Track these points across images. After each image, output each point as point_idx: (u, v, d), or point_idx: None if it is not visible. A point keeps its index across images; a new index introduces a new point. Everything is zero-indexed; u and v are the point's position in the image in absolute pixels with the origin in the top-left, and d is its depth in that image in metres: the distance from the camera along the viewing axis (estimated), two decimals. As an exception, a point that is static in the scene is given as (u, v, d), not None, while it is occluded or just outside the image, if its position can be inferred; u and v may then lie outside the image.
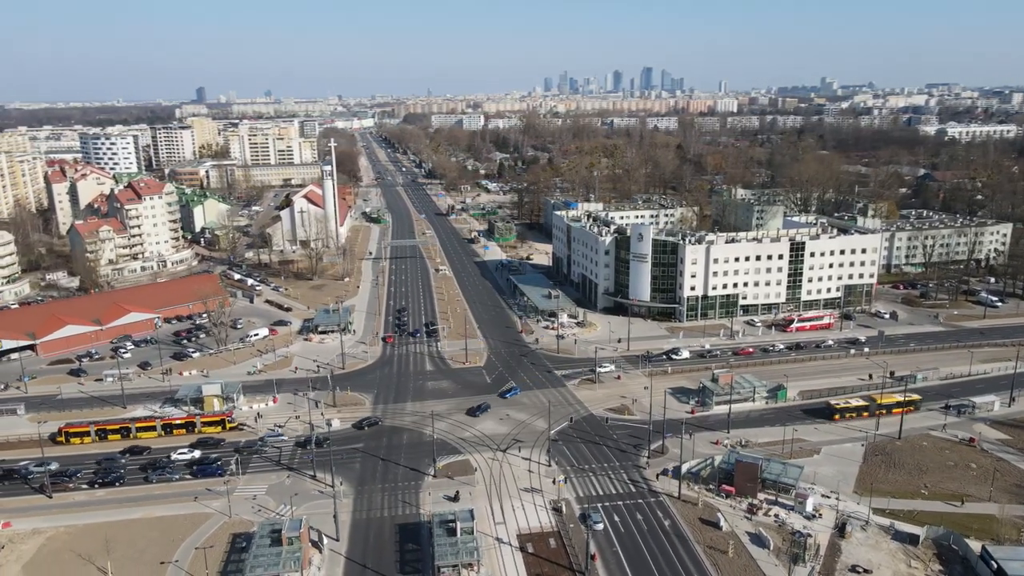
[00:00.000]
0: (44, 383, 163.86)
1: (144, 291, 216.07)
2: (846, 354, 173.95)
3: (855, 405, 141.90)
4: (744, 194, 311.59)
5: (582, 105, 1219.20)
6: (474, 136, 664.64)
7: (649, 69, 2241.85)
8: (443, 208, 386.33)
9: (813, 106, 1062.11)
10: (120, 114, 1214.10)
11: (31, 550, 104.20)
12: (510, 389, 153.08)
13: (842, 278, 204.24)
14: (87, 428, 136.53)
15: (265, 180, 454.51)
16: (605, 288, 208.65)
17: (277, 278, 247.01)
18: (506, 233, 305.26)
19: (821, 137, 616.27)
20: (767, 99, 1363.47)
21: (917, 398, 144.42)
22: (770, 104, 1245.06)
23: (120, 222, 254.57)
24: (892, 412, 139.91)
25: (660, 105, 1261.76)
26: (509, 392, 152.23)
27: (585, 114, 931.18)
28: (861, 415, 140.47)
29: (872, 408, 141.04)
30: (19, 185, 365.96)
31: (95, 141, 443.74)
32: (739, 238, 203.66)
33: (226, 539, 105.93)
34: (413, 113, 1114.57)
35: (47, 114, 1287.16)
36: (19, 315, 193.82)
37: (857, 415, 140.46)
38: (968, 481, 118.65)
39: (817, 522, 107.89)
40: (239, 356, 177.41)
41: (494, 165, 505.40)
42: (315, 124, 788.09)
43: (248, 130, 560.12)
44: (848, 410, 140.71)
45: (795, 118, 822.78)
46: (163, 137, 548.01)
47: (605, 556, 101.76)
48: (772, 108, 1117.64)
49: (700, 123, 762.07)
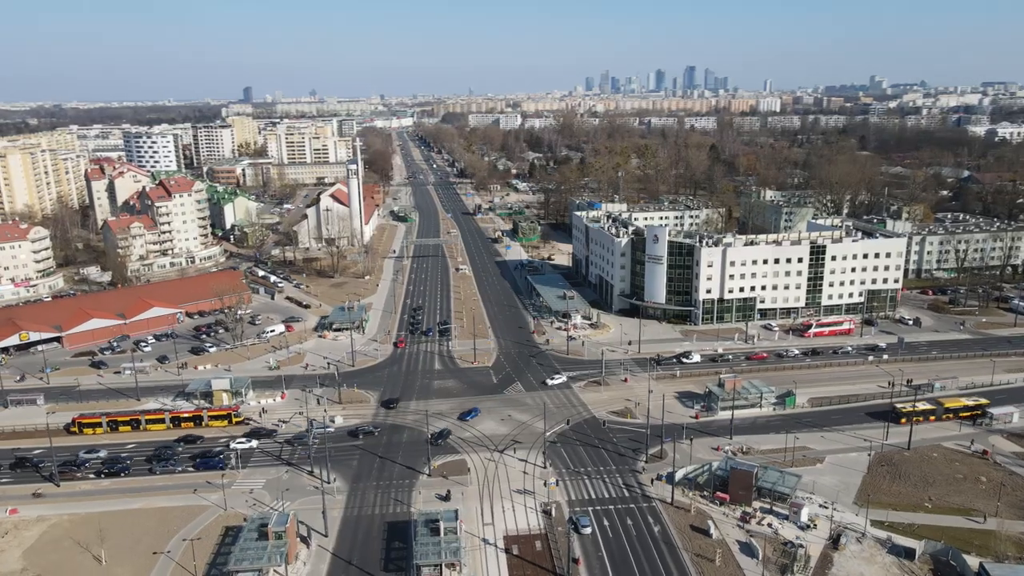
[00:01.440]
0: (66, 374, 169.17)
1: (168, 286, 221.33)
2: (863, 361, 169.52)
3: (921, 409, 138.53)
4: (773, 195, 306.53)
5: (621, 105, 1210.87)
6: (508, 135, 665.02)
7: (692, 68, 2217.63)
8: (471, 207, 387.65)
9: (858, 105, 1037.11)
10: (169, 113, 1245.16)
11: (33, 536, 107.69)
12: (470, 411, 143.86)
13: (865, 283, 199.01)
14: (99, 419, 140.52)
15: (299, 178, 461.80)
16: (621, 290, 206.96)
17: (299, 275, 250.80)
18: (529, 233, 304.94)
19: (863, 137, 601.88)
20: (812, 99, 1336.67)
21: (985, 402, 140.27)
22: (815, 104, 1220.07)
23: (151, 219, 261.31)
24: (960, 416, 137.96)
25: (701, 105, 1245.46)
26: (468, 415, 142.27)
27: (623, 114, 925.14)
28: (928, 419, 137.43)
29: (939, 412, 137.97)
30: (63, 182, 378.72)
31: (137, 140, 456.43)
32: (758, 241, 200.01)
33: (219, 532, 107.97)
34: (452, 112, 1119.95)
35: (101, 113, 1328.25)
36: (47, 308, 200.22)
37: (924, 419, 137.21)
38: (976, 495, 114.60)
39: (811, 533, 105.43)
40: (253, 352, 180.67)
41: (526, 165, 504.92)
42: (353, 123, 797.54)
43: (286, 129, 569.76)
44: (915, 414, 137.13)
45: (838, 118, 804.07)
46: (203, 136, 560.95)
47: (590, 561, 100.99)
48: (817, 108, 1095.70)
49: (739, 123, 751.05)
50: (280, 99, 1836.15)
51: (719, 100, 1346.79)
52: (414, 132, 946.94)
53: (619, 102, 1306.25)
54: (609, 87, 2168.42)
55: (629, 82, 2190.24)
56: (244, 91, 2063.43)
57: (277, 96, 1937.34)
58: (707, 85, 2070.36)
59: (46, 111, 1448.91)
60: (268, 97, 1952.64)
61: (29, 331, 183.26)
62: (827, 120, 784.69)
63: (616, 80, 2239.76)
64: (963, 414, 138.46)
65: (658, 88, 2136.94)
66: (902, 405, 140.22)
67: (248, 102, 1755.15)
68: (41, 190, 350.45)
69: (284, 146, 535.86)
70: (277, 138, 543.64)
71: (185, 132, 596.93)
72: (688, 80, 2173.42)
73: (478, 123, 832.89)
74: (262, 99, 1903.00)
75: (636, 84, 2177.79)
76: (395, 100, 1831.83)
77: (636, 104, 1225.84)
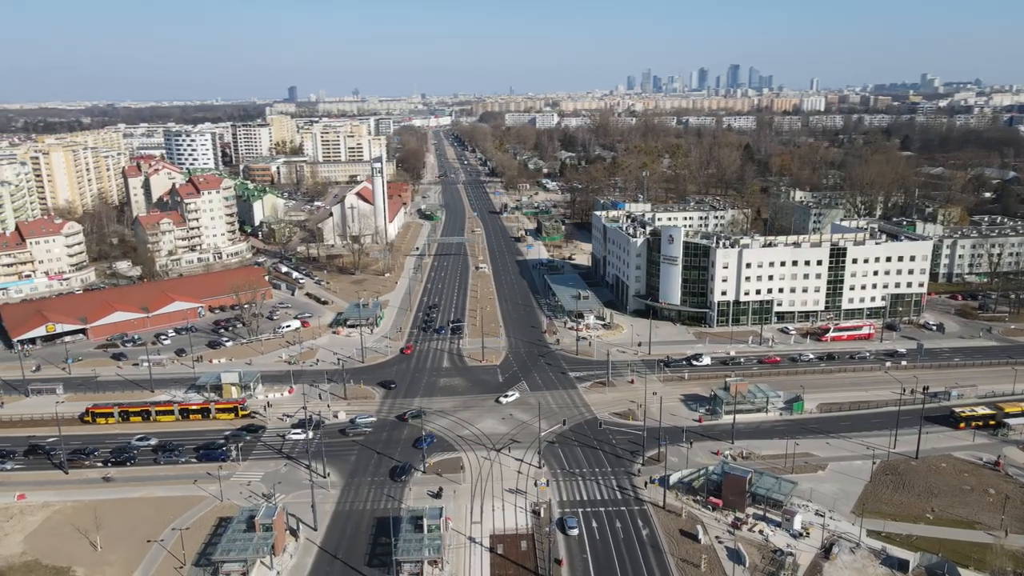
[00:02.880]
0: (87, 365, 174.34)
1: (192, 281, 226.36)
2: (880, 367, 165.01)
3: (981, 413, 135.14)
4: (802, 196, 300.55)
5: (661, 104, 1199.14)
6: (542, 134, 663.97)
7: (736, 66, 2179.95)
8: (498, 206, 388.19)
9: (905, 104, 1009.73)
10: (215, 112, 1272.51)
11: (36, 522, 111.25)
12: (426, 438, 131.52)
13: (888, 286, 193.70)
14: (111, 410, 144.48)
15: (331, 176, 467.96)
16: (636, 290, 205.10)
17: (322, 272, 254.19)
18: (553, 232, 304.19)
19: (906, 137, 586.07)
20: (859, 97, 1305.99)
21: None
22: (861, 102, 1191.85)
23: (180, 215, 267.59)
24: None
25: (743, 104, 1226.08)
26: (422, 442, 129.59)
27: (661, 113, 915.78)
28: (988, 423, 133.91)
29: (999, 417, 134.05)
30: (103, 179, 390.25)
31: (177, 138, 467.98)
32: (776, 242, 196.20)
33: (212, 522, 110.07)
34: (489, 111, 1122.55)
35: (152, 112, 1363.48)
36: (74, 301, 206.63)
37: (984, 424, 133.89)
38: (982, 507, 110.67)
39: (803, 541, 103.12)
40: (267, 346, 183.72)
41: (558, 164, 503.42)
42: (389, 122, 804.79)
43: (321, 128, 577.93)
44: (974, 418, 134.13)
45: (883, 117, 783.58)
46: (242, 134, 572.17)
47: (573, 562, 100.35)
48: (863, 107, 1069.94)
49: (779, 122, 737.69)
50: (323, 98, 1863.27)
51: (762, 99, 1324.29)
52: (450, 131, 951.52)
53: (659, 101, 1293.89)
54: (651, 86, 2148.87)
55: (671, 81, 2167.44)
56: (289, 91, 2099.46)
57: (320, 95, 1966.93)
58: (751, 84, 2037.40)
59: (100, 110, 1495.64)
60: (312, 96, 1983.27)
61: (56, 323, 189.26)
62: (871, 119, 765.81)
63: (658, 79, 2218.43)
64: None
65: (701, 87, 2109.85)
66: (960, 409, 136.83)
67: (292, 101, 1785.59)
68: (82, 186, 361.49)
69: (319, 144, 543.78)
70: (312, 137, 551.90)
71: (226, 131, 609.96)
72: (732, 79, 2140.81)
73: (514, 122, 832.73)
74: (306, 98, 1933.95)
75: (678, 83, 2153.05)
76: (435, 99, 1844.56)
77: (676, 103, 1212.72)
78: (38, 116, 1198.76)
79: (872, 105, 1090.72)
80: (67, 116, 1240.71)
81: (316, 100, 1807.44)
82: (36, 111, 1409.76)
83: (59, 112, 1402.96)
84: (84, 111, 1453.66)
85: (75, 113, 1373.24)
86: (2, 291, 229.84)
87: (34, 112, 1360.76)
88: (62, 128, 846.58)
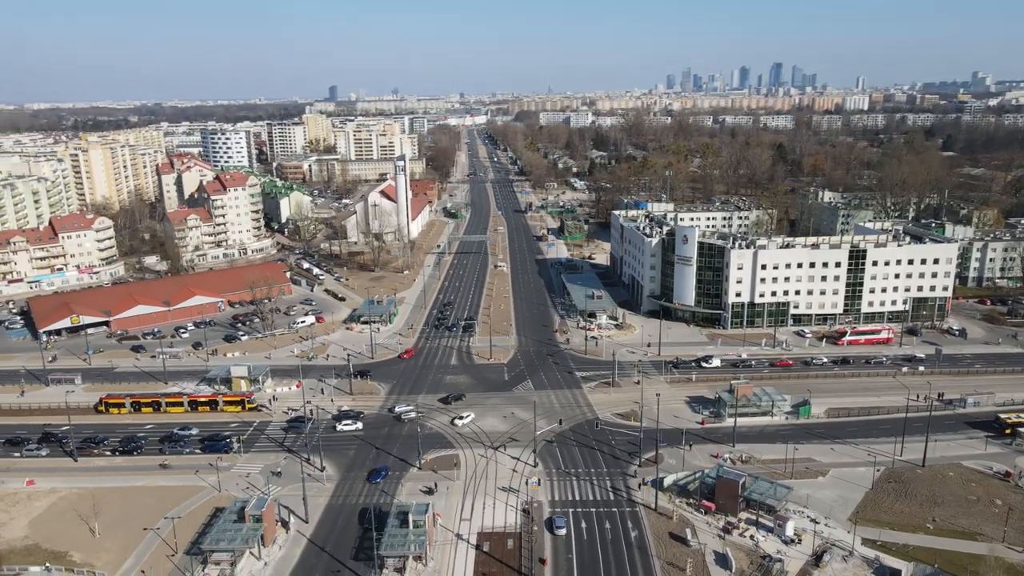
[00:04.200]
0: (107, 357, 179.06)
1: (213, 276, 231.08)
2: (896, 372, 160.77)
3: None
4: (831, 197, 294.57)
5: (699, 103, 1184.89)
6: (573, 133, 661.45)
7: (779, 65, 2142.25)
8: (523, 205, 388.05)
9: (952, 103, 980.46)
10: (256, 111, 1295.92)
11: (42, 507, 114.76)
12: (380, 471, 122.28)
13: (910, 290, 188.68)
14: (123, 400, 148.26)
15: (362, 174, 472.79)
16: (651, 291, 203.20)
17: (342, 268, 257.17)
18: (575, 231, 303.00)
19: (949, 137, 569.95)
20: (905, 96, 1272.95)
21: None
22: (907, 101, 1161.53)
23: (207, 211, 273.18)
24: None
25: (783, 103, 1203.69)
26: (376, 476, 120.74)
27: (697, 112, 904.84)
28: None
29: None
30: (140, 176, 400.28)
31: (212, 136, 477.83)
32: (794, 243, 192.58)
33: (209, 512, 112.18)
34: (525, 111, 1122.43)
35: (196, 111, 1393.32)
36: (99, 294, 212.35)
37: None
38: (986, 519, 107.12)
39: (794, 548, 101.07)
40: (281, 341, 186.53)
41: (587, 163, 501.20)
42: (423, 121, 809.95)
43: (354, 127, 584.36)
44: (1021, 425, 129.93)
45: (927, 116, 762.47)
46: (277, 133, 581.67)
47: (558, 562, 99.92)
48: (908, 106, 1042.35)
49: (818, 122, 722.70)
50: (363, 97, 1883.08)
51: (803, 98, 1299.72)
52: (484, 130, 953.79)
53: (697, 100, 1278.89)
54: (691, 85, 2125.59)
55: (712, 80, 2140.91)
56: (330, 90, 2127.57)
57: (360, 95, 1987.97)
58: (794, 83, 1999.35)
59: (147, 109, 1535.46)
60: (352, 96, 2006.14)
61: (80, 315, 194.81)
62: (915, 119, 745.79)
63: (698, 78, 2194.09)
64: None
65: (742, 86, 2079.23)
66: (1007, 415, 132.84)
67: (332, 100, 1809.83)
68: (119, 183, 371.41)
69: (352, 143, 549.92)
70: (345, 135, 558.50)
71: (262, 129, 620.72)
72: (774, 78, 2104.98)
73: (548, 121, 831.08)
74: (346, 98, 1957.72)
75: (719, 82, 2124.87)
76: (473, 98, 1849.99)
77: (714, 102, 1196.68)
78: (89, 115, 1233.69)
79: (918, 104, 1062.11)
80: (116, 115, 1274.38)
81: (355, 99, 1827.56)
82: (87, 110, 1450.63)
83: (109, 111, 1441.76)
84: (132, 110, 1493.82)
85: (124, 112, 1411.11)
86: (35, 283, 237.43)
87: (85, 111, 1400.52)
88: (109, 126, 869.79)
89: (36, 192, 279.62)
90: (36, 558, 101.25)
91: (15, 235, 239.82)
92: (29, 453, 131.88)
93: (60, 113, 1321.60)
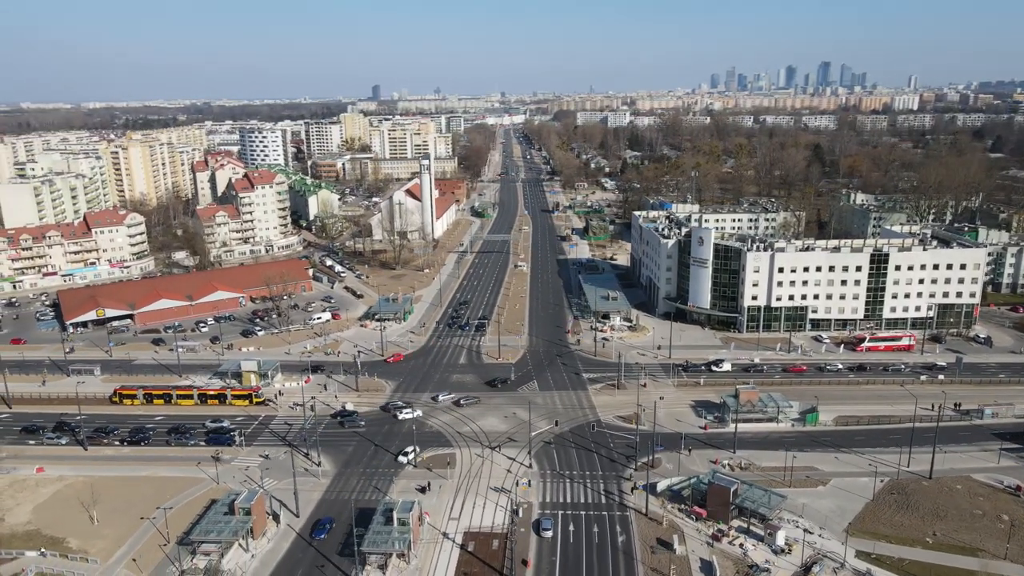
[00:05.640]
0: (127, 349, 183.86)
1: (236, 272, 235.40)
2: (914, 380, 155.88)
3: None
4: (864, 199, 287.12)
5: (741, 103, 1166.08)
6: (608, 133, 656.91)
7: (827, 64, 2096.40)
8: (551, 205, 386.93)
9: (1006, 103, 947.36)
10: (299, 110, 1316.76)
11: (47, 494, 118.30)
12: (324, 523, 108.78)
13: (935, 296, 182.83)
14: (136, 391, 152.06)
15: (394, 173, 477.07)
16: (666, 292, 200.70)
17: (364, 266, 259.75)
18: (599, 232, 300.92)
19: (999, 138, 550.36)
20: (958, 96, 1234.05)
21: None
22: (960, 101, 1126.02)
23: (235, 208, 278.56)
24: None
25: (829, 102, 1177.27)
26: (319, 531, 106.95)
27: (738, 112, 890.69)
28: None
29: None
30: (177, 173, 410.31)
31: (250, 135, 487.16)
32: (814, 247, 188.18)
33: (204, 503, 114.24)
34: (564, 110, 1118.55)
35: (243, 110, 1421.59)
36: (125, 288, 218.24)
37: None
38: (991, 534, 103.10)
39: (784, 558, 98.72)
40: (295, 337, 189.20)
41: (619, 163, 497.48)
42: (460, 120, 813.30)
43: (389, 126, 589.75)
44: None
45: (978, 116, 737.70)
46: (314, 132, 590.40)
47: (540, 564, 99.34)
48: (961, 106, 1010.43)
49: (862, 122, 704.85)
50: (405, 96, 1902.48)
51: (851, 98, 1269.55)
52: (521, 129, 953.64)
53: (739, 100, 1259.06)
54: (735, 84, 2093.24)
55: (757, 79, 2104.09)
56: (373, 89, 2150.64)
57: (403, 94, 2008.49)
58: (842, 82, 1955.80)
59: (196, 108, 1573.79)
60: (395, 95, 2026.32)
61: (106, 308, 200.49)
62: (965, 119, 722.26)
63: (743, 77, 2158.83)
64: None
65: (788, 85, 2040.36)
66: None
67: (375, 99, 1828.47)
68: (158, 180, 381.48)
69: (387, 142, 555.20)
70: (380, 134, 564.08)
71: (300, 128, 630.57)
72: (821, 77, 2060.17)
73: (585, 121, 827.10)
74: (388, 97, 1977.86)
75: (764, 81, 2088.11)
76: (514, 98, 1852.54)
77: (757, 102, 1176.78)
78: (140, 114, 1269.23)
79: (971, 104, 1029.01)
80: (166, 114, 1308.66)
81: (397, 98, 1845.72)
82: (140, 109, 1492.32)
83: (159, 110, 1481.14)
84: (182, 109, 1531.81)
85: (173, 111, 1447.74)
86: (68, 277, 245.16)
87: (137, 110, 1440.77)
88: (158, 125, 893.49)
89: (74, 188, 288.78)
90: (35, 543, 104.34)
91: (51, 229, 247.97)
92: (49, 441, 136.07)
93: (113, 112, 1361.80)
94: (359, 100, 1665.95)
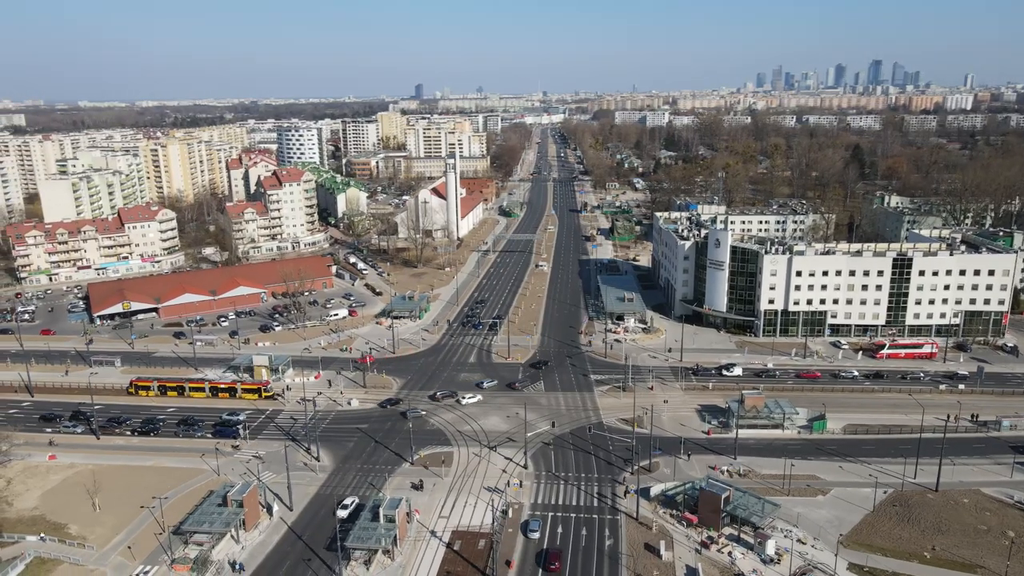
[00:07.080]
0: (149, 342, 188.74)
1: (259, 267, 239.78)
2: (931, 389, 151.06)
3: None
4: (898, 202, 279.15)
5: (786, 102, 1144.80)
6: (643, 133, 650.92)
7: (878, 62, 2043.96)
8: (579, 205, 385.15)
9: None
10: (342, 109, 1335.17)
11: (56, 481, 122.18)
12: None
13: (961, 302, 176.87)
14: (151, 383, 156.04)
15: (426, 171, 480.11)
16: (683, 295, 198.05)
17: (387, 264, 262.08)
18: (624, 232, 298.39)
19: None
20: (1016, 95, 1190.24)
21: None
22: (1017, 100, 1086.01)
23: (263, 205, 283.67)
24: None
25: (878, 101, 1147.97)
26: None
27: (781, 111, 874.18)
28: None
29: None
30: (215, 171, 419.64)
31: (287, 133, 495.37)
32: (835, 250, 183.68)
33: (204, 494, 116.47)
34: (604, 109, 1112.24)
35: (288, 109, 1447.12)
36: (153, 282, 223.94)
37: None
38: (993, 551, 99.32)
39: (772, 568, 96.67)
40: (312, 333, 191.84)
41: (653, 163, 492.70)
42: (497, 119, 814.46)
43: (425, 125, 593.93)
44: None
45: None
46: (351, 130, 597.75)
47: (524, 565, 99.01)
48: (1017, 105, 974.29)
49: (910, 122, 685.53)
50: (447, 95, 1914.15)
51: (901, 97, 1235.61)
52: (559, 129, 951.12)
53: (785, 99, 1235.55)
54: (782, 83, 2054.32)
55: (804, 78, 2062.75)
56: (416, 88, 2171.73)
57: (445, 92, 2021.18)
58: (894, 81, 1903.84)
59: (243, 107, 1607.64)
60: (437, 94, 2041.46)
61: (132, 301, 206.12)
62: (1019, 119, 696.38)
63: (790, 76, 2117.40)
64: None
65: (837, 84, 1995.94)
66: None
67: (417, 98, 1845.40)
68: (195, 177, 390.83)
69: (421, 140, 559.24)
70: (416, 133, 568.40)
71: (337, 127, 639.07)
72: (872, 75, 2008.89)
73: (623, 120, 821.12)
74: (431, 96, 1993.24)
75: (812, 80, 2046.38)
76: (555, 97, 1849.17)
77: (802, 101, 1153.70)
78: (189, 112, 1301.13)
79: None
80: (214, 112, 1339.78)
81: (439, 97, 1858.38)
82: (189, 108, 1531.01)
83: (208, 108, 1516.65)
84: (229, 107, 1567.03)
85: (221, 109, 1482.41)
86: (101, 271, 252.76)
87: (187, 109, 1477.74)
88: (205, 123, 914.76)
89: (111, 184, 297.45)
90: (38, 528, 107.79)
91: (86, 224, 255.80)
92: (65, 429, 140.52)
93: (164, 110, 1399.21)
94: (401, 99, 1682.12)
